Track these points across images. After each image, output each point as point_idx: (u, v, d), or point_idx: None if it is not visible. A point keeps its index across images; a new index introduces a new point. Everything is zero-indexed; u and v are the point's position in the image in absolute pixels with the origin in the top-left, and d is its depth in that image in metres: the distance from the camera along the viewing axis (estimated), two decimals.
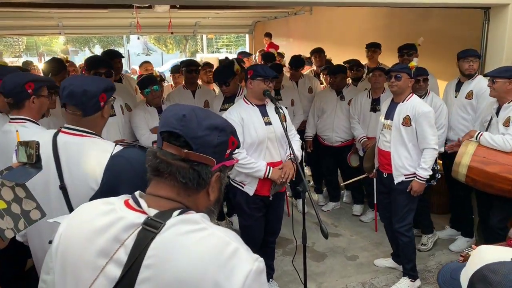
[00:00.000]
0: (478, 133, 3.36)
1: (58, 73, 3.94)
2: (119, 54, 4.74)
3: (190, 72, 4.57)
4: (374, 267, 3.88)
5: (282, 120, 2.91)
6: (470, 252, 2.20)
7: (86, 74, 3.46)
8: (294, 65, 5.25)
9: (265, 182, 3.14)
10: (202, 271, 0.93)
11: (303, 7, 7.47)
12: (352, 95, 4.68)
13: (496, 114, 3.38)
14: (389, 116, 3.41)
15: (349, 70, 5.03)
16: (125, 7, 5.96)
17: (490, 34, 3.96)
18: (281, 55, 7.28)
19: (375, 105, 4.36)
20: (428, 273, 3.76)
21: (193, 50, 26.65)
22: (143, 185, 1.10)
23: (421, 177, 3.27)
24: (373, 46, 5.31)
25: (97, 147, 1.78)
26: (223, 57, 7.05)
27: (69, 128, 1.84)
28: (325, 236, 2.23)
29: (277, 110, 2.95)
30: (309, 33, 7.98)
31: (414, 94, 3.39)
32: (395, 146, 3.36)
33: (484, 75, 3.62)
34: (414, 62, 3.31)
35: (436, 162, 3.64)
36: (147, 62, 6.63)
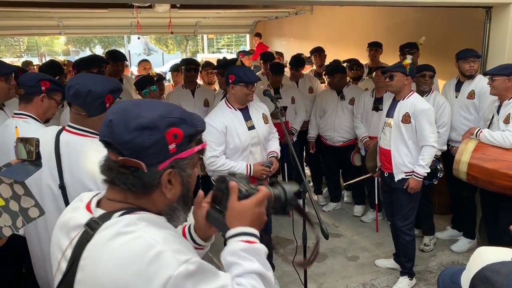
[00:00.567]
0: (478, 130, 3.35)
1: (54, 77, 3.91)
2: (123, 57, 4.46)
3: (189, 71, 4.56)
4: (375, 268, 3.86)
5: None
6: None
7: None
8: (295, 65, 5.22)
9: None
10: (122, 277, 0.89)
11: (304, 7, 7.45)
12: (353, 94, 4.66)
13: (497, 112, 3.36)
14: (390, 114, 3.42)
15: (349, 70, 5.01)
16: (125, 7, 5.95)
17: (492, 34, 3.95)
18: (281, 54, 7.26)
19: (377, 104, 4.34)
20: (430, 274, 3.74)
21: (194, 51, 26.65)
22: None
23: (418, 174, 3.27)
24: (375, 46, 5.30)
25: (97, 147, 1.76)
26: (222, 58, 7.00)
27: (73, 127, 1.83)
28: (326, 237, 2.23)
29: (277, 110, 2.95)
30: (310, 33, 7.97)
31: (415, 92, 3.39)
32: (395, 144, 3.36)
33: (484, 74, 3.60)
34: (408, 60, 3.30)
35: (439, 161, 3.63)
36: (145, 61, 6.48)
